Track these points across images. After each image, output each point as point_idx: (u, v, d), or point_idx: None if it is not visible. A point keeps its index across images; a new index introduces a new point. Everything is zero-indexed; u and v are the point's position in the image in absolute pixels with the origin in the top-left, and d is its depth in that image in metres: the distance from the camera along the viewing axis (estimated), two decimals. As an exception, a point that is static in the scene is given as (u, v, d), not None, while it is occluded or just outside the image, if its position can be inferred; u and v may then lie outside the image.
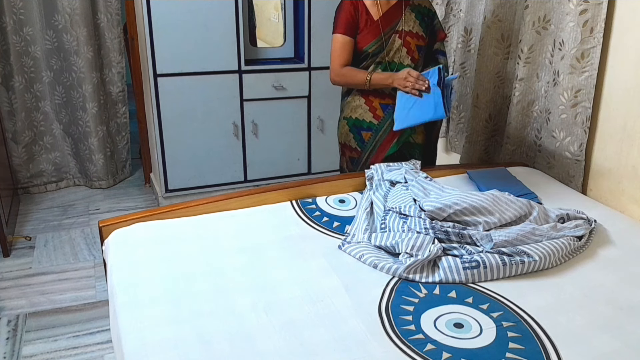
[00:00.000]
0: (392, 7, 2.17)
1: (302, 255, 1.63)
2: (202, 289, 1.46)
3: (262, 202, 1.95)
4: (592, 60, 2.03)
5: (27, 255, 2.85)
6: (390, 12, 2.16)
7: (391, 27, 2.16)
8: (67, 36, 3.33)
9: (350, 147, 2.31)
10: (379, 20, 2.14)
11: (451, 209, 1.70)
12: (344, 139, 2.33)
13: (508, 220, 1.73)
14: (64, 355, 2.12)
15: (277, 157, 3.56)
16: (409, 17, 2.17)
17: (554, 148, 2.23)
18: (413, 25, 2.18)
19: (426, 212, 1.71)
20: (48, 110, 3.53)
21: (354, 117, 2.25)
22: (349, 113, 2.28)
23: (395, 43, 2.16)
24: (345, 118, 2.30)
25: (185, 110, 3.22)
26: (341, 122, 2.34)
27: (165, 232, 1.74)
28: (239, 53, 3.22)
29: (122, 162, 3.85)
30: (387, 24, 2.15)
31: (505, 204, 1.76)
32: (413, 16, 2.18)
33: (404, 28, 2.16)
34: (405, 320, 1.35)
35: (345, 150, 2.35)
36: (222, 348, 1.23)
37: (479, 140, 2.66)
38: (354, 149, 2.29)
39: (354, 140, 2.29)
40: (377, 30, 2.14)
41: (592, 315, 1.38)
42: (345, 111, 2.30)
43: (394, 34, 2.16)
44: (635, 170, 1.94)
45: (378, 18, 2.14)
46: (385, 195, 1.92)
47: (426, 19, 2.22)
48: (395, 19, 2.16)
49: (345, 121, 2.30)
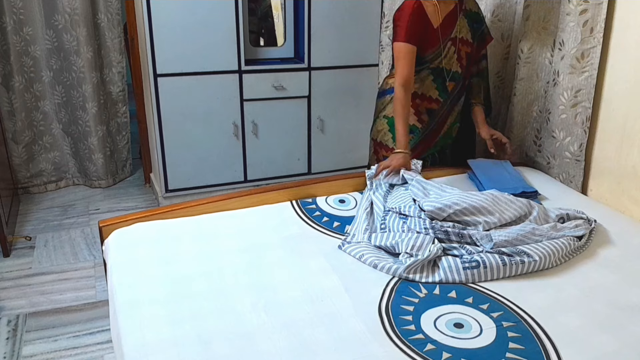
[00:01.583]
0: (449, 12, 2.11)
1: (302, 255, 1.63)
2: (202, 289, 1.46)
3: (262, 202, 1.95)
4: (592, 60, 2.03)
5: (27, 255, 2.85)
6: (448, 19, 2.11)
7: (448, 35, 2.12)
8: (67, 36, 3.33)
9: (387, 146, 2.24)
10: (439, 28, 2.09)
11: (451, 209, 1.70)
12: (381, 137, 2.26)
13: (508, 220, 1.73)
14: (64, 355, 2.12)
15: (277, 157, 3.56)
16: (462, 24, 2.15)
17: (554, 148, 2.23)
18: (466, 32, 2.16)
19: (426, 212, 1.71)
20: (48, 110, 3.52)
21: None
22: (390, 113, 2.21)
23: (450, 51, 2.13)
24: (385, 117, 2.24)
25: (185, 110, 3.22)
26: (380, 120, 2.28)
27: (165, 232, 1.74)
28: (239, 53, 3.21)
29: (122, 162, 3.85)
30: (445, 32, 2.11)
31: (505, 204, 1.76)
32: (466, 22, 2.16)
33: (458, 35, 2.13)
34: (405, 320, 1.35)
35: (379, 148, 2.29)
36: (222, 348, 1.23)
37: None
38: (390, 149, 2.21)
39: (391, 140, 2.21)
40: (436, 39, 2.10)
41: (592, 315, 1.38)
42: (387, 109, 2.24)
43: (449, 41, 2.13)
44: (635, 170, 1.94)
45: (437, 26, 2.09)
46: (385, 195, 1.92)
47: (475, 25, 2.19)
48: (452, 26, 2.12)
49: (385, 120, 2.24)
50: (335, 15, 3.32)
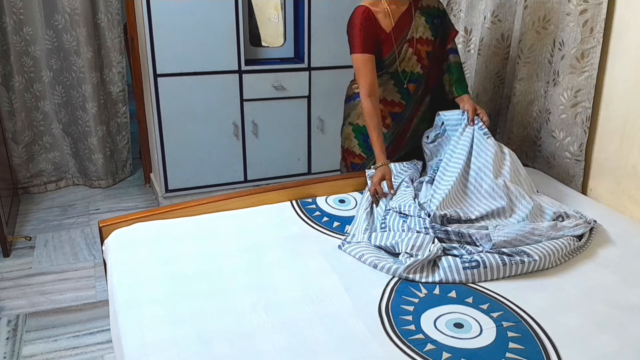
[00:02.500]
0: (402, 14, 2.07)
1: (302, 255, 1.63)
2: (202, 289, 1.46)
3: (262, 202, 1.95)
4: (592, 60, 2.03)
5: (27, 255, 2.85)
6: (401, 21, 2.07)
7: (403, 37, 2.08)
8: (67, 36, 3.33)
9: (354, 152, 2.24)
10: (391, 33, 2.06)
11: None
12: (347, 144, 2.26)
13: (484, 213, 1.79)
14: (64, 355, 2.12)
15: (277, 157, 3.56)
16: (419, 22, 2.09)
17: (554, 148, 2.23)
18: (423, 30, 2.10)
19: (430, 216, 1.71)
20: (48, 110, 3.52)
21: (362, 125, 2.17)
22: (355, 119, 2.21)
23: (407, 53, 2.09)
24: (350, 124, 2.23)
25: (185, 110, 3.22)
26: (346, 127, 2.27)
27: (165, 232, 1.74)
28: (239, 53, 3.21)
29: (122, 162, 3.85)
30: (399, 35, 2.07)
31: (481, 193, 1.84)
32: (423, 20, 2.10)
33: (414, 36, 2.08)
34: (405, 320, 1.35)
35: (347, 155, 2.28)
36: (222, 348, 1.23)
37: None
38: (357, 155, 2.23)
39: (358, 147, 2.22)
40: (389, 44, 2.06)
41: (592, 315, 1.38)
42: (352, 117, 2.23)
43: (405, 43, 2.08)
44: (635, 170, 1.94)
45: (390, 30, 2.05)
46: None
47: (436, 20, 2.13)
48: (406, 28, 2.08)
49: (350, 127, 2.24)
50: (335, 15, 3.32)
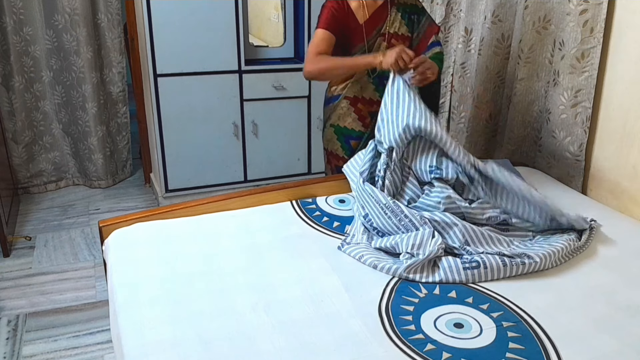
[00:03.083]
0: (378, 8, 2.07)
1: (302, 255, 1.63)
2: (202, 289, 1.45)
3: (262, 202, 1.95)
4: (592, 60, 2.03)
5: (27, 255, 2.85)
6: (376, 14, 2.07)
7: (377, 31, 2.08)
8: (67, 36, 3.33)
9: (337, 155, 2.24)
10: (364, 24, 2.06)
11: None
12: (331, 146, 2.26)
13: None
14: (64, 355, 2.12)
15: (277, 157, 3.56)
16: (395, 18, 2.09)
17: (554, 148, 2.23)
18: (399, 26, 2.09)
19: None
20: (48, 110, 3.53)
21: (342, 126, 2.19)
22: (335, 120, 2.21)
23: (381, 47, 2.08)
24: (332, 125, 2.23)
25: (185, 110, 3.22)
26: (327, 129, 2.26)
27: (165, 232, 1.74)
28: (239, 53, 3.22)
29: (122, 162, 3.85)
30: (373, 28, 2.07)
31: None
32: (399, 16, 2.09)
33: (389, 30, 2.08)
34: (405, 320, 1.35)
35: (331, 158, 2.28)
36: (222, 348, 1.23)
37: (479, 140, 2.66)
38: (340, 158, 2.22)
39: (341, 149, 2.22)
40: (360, 35, 2.06)
41: (592, 315, 1.38)
42: (332, 118, 2.22)
43: (379, 37, 2.08)
44: (635, 170, 1.94)
45: (363, 22, 2.06)
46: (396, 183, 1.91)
47: (413, 17, 2.12)
48: (381, 22, 2.08)
49: (332, 128, 2.23)
50: (335, 15, 3.32)
